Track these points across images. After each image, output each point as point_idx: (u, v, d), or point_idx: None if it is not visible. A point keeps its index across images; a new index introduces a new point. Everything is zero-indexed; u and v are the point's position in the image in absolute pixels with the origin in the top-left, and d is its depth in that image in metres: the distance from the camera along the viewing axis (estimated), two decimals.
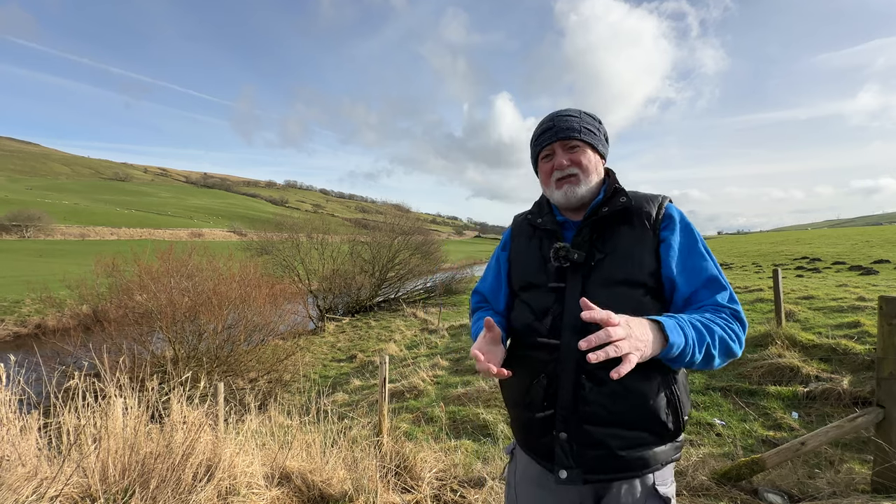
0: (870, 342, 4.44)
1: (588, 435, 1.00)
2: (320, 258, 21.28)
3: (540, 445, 1.08)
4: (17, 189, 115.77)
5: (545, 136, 1.15)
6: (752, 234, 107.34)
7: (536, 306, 1.12)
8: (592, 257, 1.07)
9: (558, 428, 1.03)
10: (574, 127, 1.12)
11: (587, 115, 1.17)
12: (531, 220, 1.23)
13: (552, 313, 1.07)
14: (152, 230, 74.51)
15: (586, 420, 1.01)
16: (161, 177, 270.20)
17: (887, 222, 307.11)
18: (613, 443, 1.00)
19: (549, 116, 1.18)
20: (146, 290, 8.94)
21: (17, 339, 15.11)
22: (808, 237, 34.15)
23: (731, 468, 2.53)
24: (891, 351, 2.23)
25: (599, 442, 1.00)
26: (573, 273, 1.07)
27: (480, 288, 1.37)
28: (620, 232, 1.08)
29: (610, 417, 1.00)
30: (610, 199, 1.11)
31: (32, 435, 2.06)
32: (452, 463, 2.81)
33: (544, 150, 1.16)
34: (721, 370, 4.80)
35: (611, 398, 0.99)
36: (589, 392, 1.00)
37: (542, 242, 1.17)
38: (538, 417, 1.06)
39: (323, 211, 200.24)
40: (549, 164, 1.16)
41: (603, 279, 1.04)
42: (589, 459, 1.01)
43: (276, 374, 9.30)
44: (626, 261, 1.05)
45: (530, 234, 1.23)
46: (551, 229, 1.16)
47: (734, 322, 0.98)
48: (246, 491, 2.09)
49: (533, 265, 1.17)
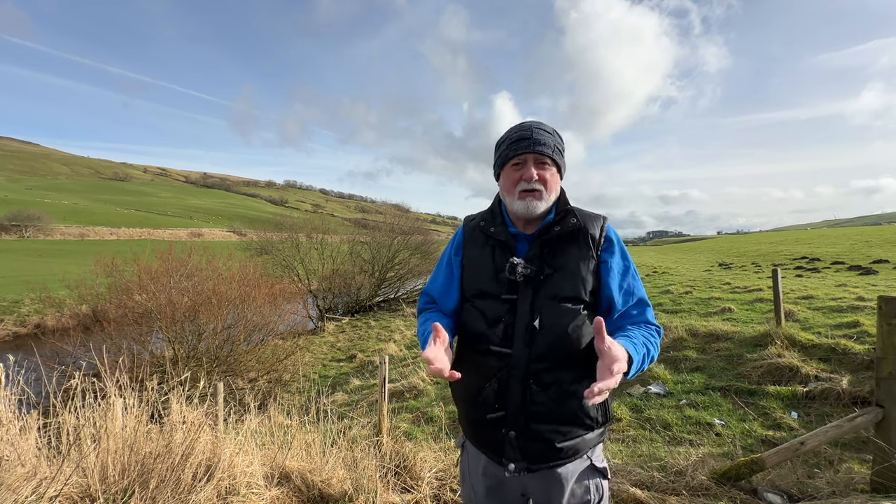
0: (869, 342, 4.45)
1: (533, 432, 1.13)
2: (320, 258, 21.28)
3: (490, 442, 1.19)
4: (17, 189, 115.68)
5: (521, 145, 1.18)
6: (751, 234, 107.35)
7: (489, 315, 1.19)
8: (542, 272, 1.16)
9: (508, 427, 1.14)
10: (549, 144, 1.19)
11: (558, 136, 1.23)
12: (484, 228, 1.27)
13: (504, 322, 1.15)
14: (152, 230, 74.44)
15: (532, 419, 1.13)
16: (161, 177, 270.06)
17: (886, 222, 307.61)
18: (554, 437, 1.13)
19: (527, 126, 1.22)
20: (146, 290, 8.93)
21: (16, 339, 15.11)
22: (808, 237, 34.17)
23: (731, 468, 2.53)
24: (890, 351, 2.23)
25: (543, 437, 1.13)
26: (525, 286, 1.16)
27: (429, 289, 1.40)
28: (568, 251, 1.18)
29: (552, 416, 1.13)
30: (562, 220, 1.20)
31: (32, 435, 2.06)
32: (452, 463, 2.81)
33: (517, 158, 1.20)
34: (720, 370, 4.80)
35: (554, 400, 1.12)
36: (535, 395, 1.12)
37: (495, 252, 1.22)
38: (489, 418, 1.16)
39: (322, 211, 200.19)
40: (518, 173, 1.19)
41: (551, 294, 1.14)
42: (533, 452, 1.14)
43: (276, 373, 9.29)
44: (571, 278, 1.15)
45: (483, 242, 1.27)
46: (504, 241, 1.22)
47: (658, 337, 1.17)
48: (245, 491, 2.09)
49: (486, 274, 1.22)
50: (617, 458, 3.16)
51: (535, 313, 1.13)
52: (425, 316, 1.35)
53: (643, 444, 3.50)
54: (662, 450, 3.25)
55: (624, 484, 2.48)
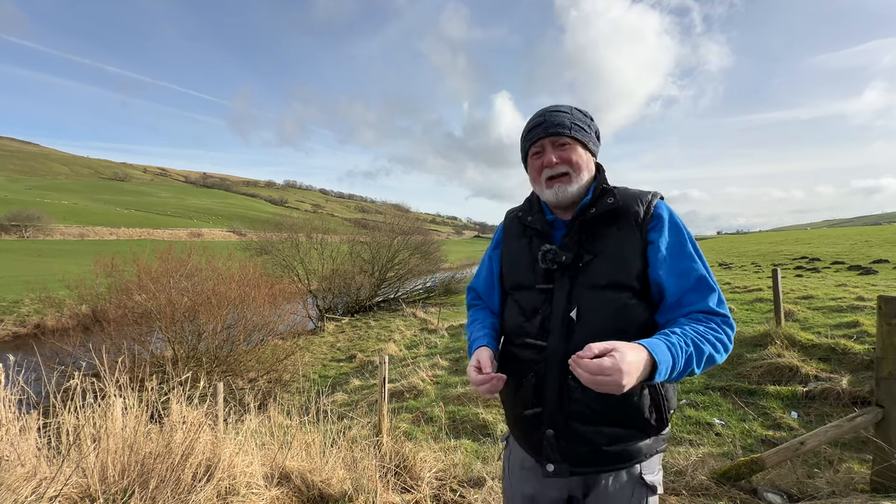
0: (869, 342, 4.45)
1: (574, 432, 1.04)
2: (320, 258, 21.29)
3: (529, 439, 1.12)
4: (17, 189, 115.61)
5: (535, 132, 1.14)
6: (751, 234, 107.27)
7: (526, 306, 1.13)
8: (581, 259, 1.07)
9: (546, 425, 1.07)
10: (564, 123, 1.11)
11: (578, 112, 1.15)
12: (521, 219, 1.23)
13: (542, 314, 1.09)
14: (151, 230, 74.43)
15: (572, 418, 1.04)
16: (160, 177, 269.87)
17: (886, 222, 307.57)
18: (599, 439, 1.03)
19: (540, 112, 1.17)
20: (145, 290, 8.94)
21: (16, 339, 15.12)
22: (808, 237, 34.17)
23: (731, 468, 2.54)
24: (890, 350, 2.23)
25: (585, 438, 1.04)
26: (561, 275, 1.08)
27: (475, 284, 1.38)
28: (608, 233, 1.07)
29: (595, 416, 1.03)
30: (598, 200, 1.10)
31: (32, 435, 2.05)
32: (452, 463, 2.81)
33: (534, 146, 1.15)
34: (720, 370, 4.80)
35: (596, 398, 1.00)
36: (574, 392, 1.03)
37: (532, 242, 1.17)
38: (527, 414, 1.10)
39: (322, 211, 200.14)
40: (539, 160, 1.14)
41: (590, 282, 1.05)
42: (575, 454, 1.05)
43: (276, 373, 9.30)
44: (613, 263, 1.04)
45: (520, 233, 1.22)
46: (541, 229, 1.16)
47: (722, 331, 0.97)
48: (245, 491, 2.09)
49: (522, 265, 1.17)
50: None
51: (573, 303, 1.04)
52: (472, 315, 1.32)
53: None
54: None
55: None
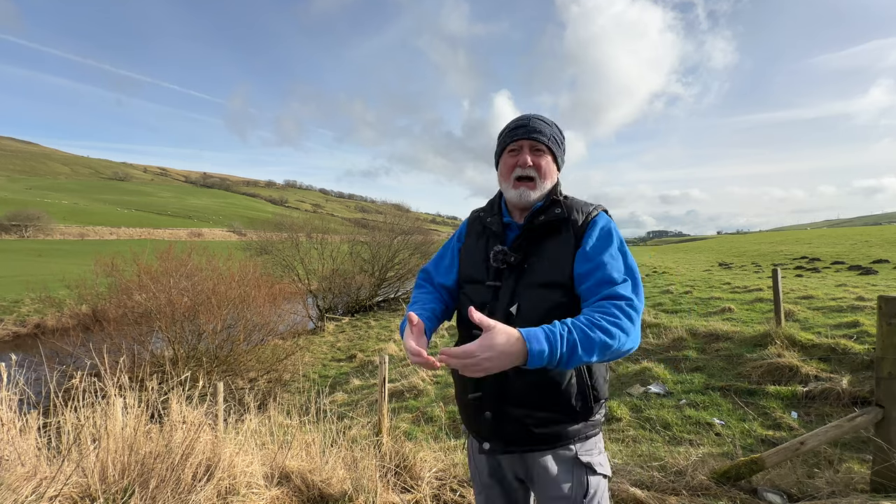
0: (869, 342, 4.45)
1: (508, 414, 1.17)
2: (320, 258, 21.28)
3: (473, 422, 1.26)
4: (17, 189, 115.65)
5: (518, 132, 1.25)
6: (751, 234, 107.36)
7: (476, 300, 1.24)
8: (526, 261, 1.19)
9: (485, 408, 1.20)
10: (545, 132, 1.24)
11: (557, 128, 1.28)
12: (482, 219, 1.35)
13: (488, 308, 1.19)
14: (152, 230, 74.42)
15: (507, 402, 1.17)
16: (160, 176, 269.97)
17: (887, 222, 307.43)
18: (528, 421, 1.16)
19: (525, 116, 1.29)
20: (145, 290, 8.94)
21: (16, 339, 15.11)
22: (808, 237, 34.17)
23: (731, 468, 2.53)
24: (890, 350, 2.23)
25: (517, 420, 1.17)
26: (509, 274, 1.20)
27: (429, 268, 1.47)
28: (550, 238, 1.20)
29: (527, 400, 1.16)
30: (548, 209, 1.22)
31: (32, 435, 2.05)
32: (452, 462, 2.81)
33: (513, 144, 1.26)
34: (720, 370, 4.81)
35: (528, 386, 1.14)
36: (512, 380, 1.15)
37: (489, 242, 1.29)
38: (471, 398, 1.22)
39: (322, 211, 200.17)
40: (514, 158, 1.25)
41: (531, 281, 1.17)
42: (507, 434, 1.19)
43: (276, 373, 9.30)
44: (550, 265, 1.16)
45: (480, 232, 1.34)
46: (496, 231, 1.28)
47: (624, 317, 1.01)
48: (245, 490, 2.09)
49: (477, 262, 1.29)
50: (617, 458, 3.16)
51: (515, 300, 1.17)
52: (414, 297, 1.40)
53: (643, 444, 3.50)
54: (662, 449, 3.25)
55: (624, 484, 2.48)
